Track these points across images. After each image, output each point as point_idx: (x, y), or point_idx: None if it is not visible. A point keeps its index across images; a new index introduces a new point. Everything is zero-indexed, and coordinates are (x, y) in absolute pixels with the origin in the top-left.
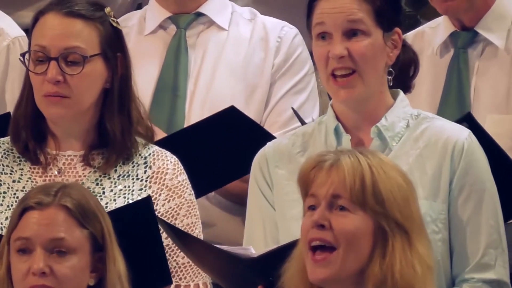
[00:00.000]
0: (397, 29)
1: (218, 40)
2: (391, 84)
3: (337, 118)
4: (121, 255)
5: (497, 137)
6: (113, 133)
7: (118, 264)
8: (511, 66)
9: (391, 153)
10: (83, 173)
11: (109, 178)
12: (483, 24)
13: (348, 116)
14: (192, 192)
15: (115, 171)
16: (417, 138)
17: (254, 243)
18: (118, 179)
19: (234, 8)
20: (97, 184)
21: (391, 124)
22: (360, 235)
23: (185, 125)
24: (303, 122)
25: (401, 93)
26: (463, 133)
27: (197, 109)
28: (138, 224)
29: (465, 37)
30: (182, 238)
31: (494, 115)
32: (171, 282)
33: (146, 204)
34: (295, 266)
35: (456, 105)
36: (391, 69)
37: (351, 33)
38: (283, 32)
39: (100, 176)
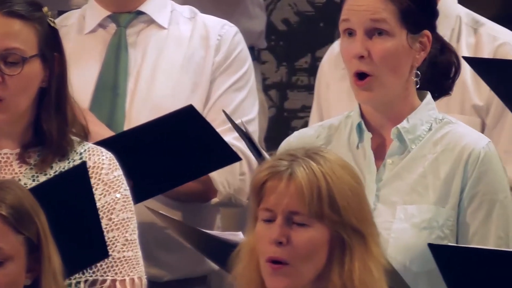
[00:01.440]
0: (426, 32)
1: (158, 38)
2: (418, 86)
3: (363, 115)
4: (56, 251)
5: None
6: (49, 133)
7: (53, 263)
8: None
9: (409, 155)
10: (20, 170)
11: (46, 175)
12: None
13: (373, 115)
14: (128, 187)
15: (51, 167)
16: (436, 142)
17: None
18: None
19: (174, 6)
20: (33, 180)
21: (412, 127)
22: (318, 246)
23: (125, 124)
24: (234, 123)
25: (428, 95)
26: (482, 142)
27: (137, 108)
28: (74, 192)
29: None
30: (178, 226)
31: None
32: (107, 255)
33: (81, 170)
34: (246, 263)
35: None
36: (417, 71)
37: (373, 33)
38: (224, 30)
39: (36, 172)
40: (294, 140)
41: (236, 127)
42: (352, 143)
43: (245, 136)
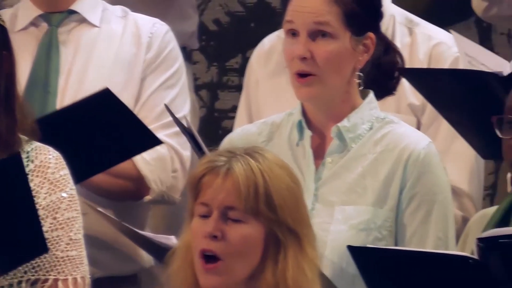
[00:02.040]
0: (370, 34)
1: (90, 37)
2: (361, 88)
3: (304, 113)
4: None
5: None
6: None
7: None
8: None
9: (348, 154)
10: None
11: None
12: None
13: (314, 113)
14: (74, 187)
15: None
16: (377, 141)
17: None
18: None
19: (106, 6)
20: None
21: (352, 126)
22: (252, 243)
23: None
24: (174, 117)
25: (371, 94)
26: (422, 143)
27: None
28: (8, 184)
29: None
30: (117, 225)
31: None
32: (46, 251)
33: (15, 161)
34: (182, 261)
35: None
36: (360, 73)
37: (317, 34)
38: (155, 28)
39: None
40: (236, 136)
41: (177, 122)
42: (292, 141)
43: (186, 131)
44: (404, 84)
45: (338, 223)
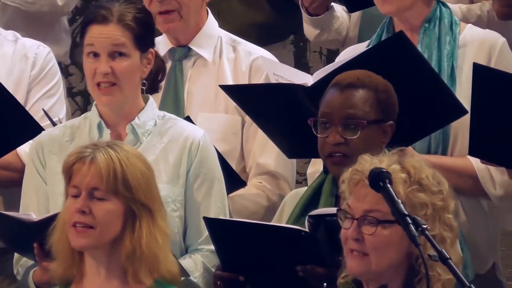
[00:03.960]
0: (152, 50)
1: None
2: (144, 92)
3: (100, 116)
4: None
5: (208, 131)
6: None
7: None
8: (217, 75)
9: (142, 145)
10: None
11: None
12: (195, 42)
13: (109, 115)
14: None
15: None
16: (162, 134)
17: (29, 211)
18: None
19: (0, 31)
20: None
21: (142, 123)
22: (114, 216)
23: None
24: (51, 121)
25: (151, 98)
26: (199, 133)
27: None
28: None
29: (180, 52)
30: None
31: (204, 113)
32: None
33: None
34: (60, 232)
35: (173, 106)
36: (144, 81)
37: (115, 55)
38: (39, 50)
39: None
40: (44, 138)
41: (53, 124)
42: (92, 138)
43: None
44: None
45: None
